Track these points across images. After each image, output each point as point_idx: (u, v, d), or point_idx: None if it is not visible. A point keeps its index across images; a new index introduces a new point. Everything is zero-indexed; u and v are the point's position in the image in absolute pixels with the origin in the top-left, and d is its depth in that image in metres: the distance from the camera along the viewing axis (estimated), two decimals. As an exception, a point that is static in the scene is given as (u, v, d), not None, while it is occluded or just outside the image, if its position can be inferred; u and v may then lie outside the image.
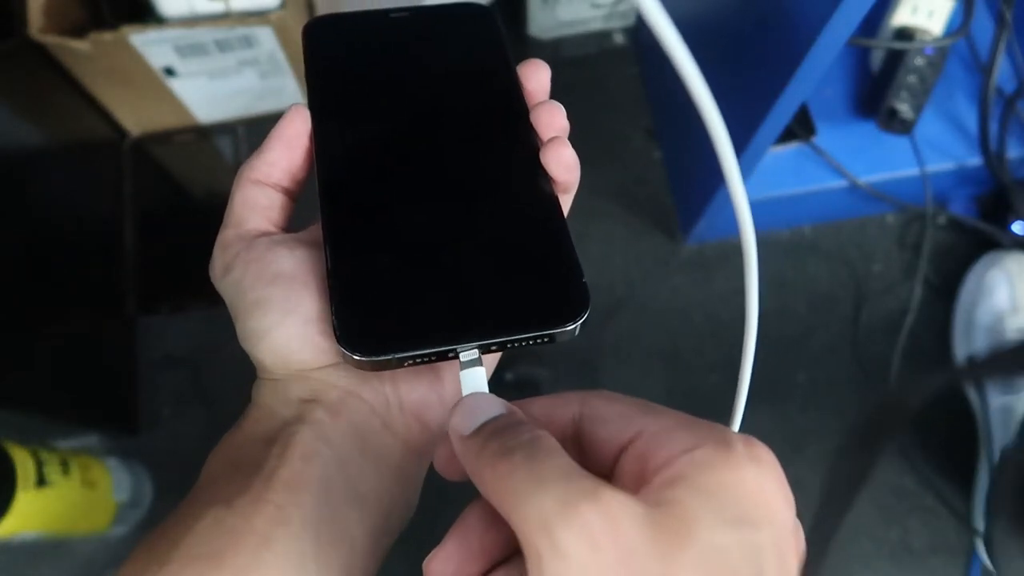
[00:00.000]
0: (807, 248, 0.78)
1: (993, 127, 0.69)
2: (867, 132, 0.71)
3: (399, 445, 0.24)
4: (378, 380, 0.24)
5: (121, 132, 0.79)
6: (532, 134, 0.26)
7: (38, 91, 0.67)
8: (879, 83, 0.70)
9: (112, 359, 0.71)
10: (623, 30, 0.86)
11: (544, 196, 0.24)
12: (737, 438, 0.17)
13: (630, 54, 0.85)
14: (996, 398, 0.67)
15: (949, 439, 0.70)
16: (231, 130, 0.80)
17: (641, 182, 0.80)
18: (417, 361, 0.22)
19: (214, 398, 0.72)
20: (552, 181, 0.25)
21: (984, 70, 0.67)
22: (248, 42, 0.70)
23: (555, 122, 0.25)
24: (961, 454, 0.69)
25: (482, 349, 0.22)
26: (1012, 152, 0.70)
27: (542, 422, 0.19)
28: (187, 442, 0.69)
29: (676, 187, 0.79)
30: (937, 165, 0.71)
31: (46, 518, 0.55)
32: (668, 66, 0.16)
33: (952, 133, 0.71)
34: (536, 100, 0.26)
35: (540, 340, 0.22)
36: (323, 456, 0.22)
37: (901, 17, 0.67)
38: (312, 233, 0.25)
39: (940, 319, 0.75)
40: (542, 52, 0.85)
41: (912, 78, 0.67)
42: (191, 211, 0.80)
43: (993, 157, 0.70)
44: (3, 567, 0.66)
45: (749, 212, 0.18)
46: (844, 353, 0.75)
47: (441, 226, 0.24)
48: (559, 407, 0.20)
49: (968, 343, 0.72)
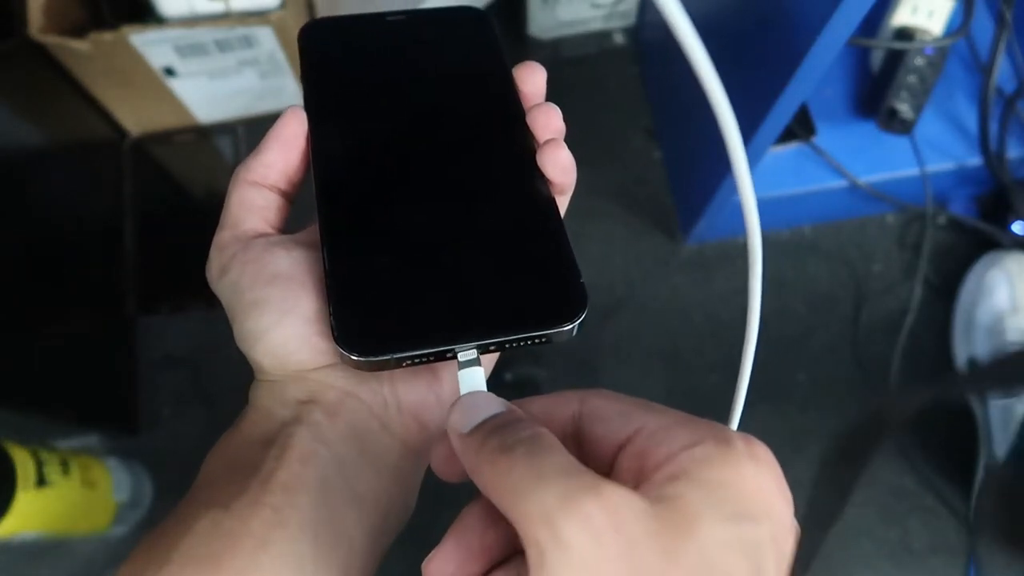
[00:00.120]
0: (807, 248, 0.78)
1: (993, 127, 0.69)
2: (867, 132, 0.71)
3: (397, 445, 0.24)
4: (376, 381, 0.24)
5: (121, 132, 0.79)
6: (528, 136, 0.26)
7: (38, 91, 0.67)
8: (879, 83, 0.70)
9: (112, 359, 0.71)
10: (623, 30, 0.86)
11: (541, 197, 0.24)
12: (736, 436, 0.17)
13: (630, 54, 0.85)
14: (996, 398, 0.67)
15: (949, 439, 0.70)
16: (231, 130, 0.80)
17: (641, 182, 0.80)
18: (415, 361, 0.22)
19: (214, 398, 0.72)
20: (549, 183, 0.25)
21: (984, 70, 0.67)
22: (248, 42, 0.70)
23: (551, 124, 0.25)
24: (961, 454, 0.69)
25: (480, 349, 0.22)
26: (1012, 152, 0.70)
27: (541, 421, 0.19)
28: (187, 442, 0.69)
29: (676, 187, 0.79)
30: (937, 165, 0.71)
31: (46, 518, 0.55)
32: (669, 65, 0.16)
33: (952, 133, 0.71)
34: (532, 102, 0.26)
35: (538, 340, 0.22)
36: (321, 457, 0.22)
37: (901, 17, 0.67)
38: (309, 235, 0.25)
39: (940, 319, 0.75)
40: (542, 52, 0.85)
41: (912, 78, 0.67)
42: (191, 211, 0.80)
43: (993, 157, 0.70)
44: (3, 567, 0.66)
45: (755, 204, 0.18)
46: (844, 353, 0.75)
47: (438, 227, 0.23)
48: (558, 406, 0.20)
49: (968, 343, 0.72)
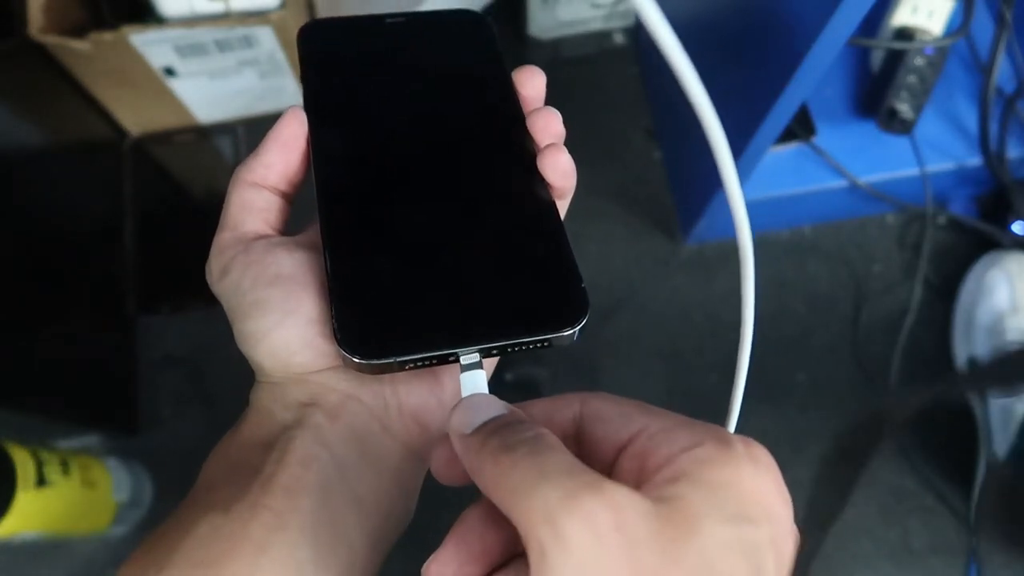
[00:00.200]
0: (807, 248, 0.78)
1: (993, 127, 0.69)
2: (867, 132, 0.71)
3: (398, 448, 0.24)
4: (377, 383, 0.24)
5: (121, 132, 0.79)
6: (528, 140, 0.25)
7: (38, 91, 0.67)
8: (879, 83, 0.70)
9: (112, 359, 0.71)
10: (623, 30, 0.86)
11: (541, 201, 0.24)
12: (736, 438, 0.17)
13: (630, 54, 0.85)
14: (996, 398, 0.67)
15: (949, 439, 0.70)
16: (231, 130, 0.80)
17: (641, 182, 0.80)
18: (418, 364, 0.22)
19: (214, 398, 0.72)
20: (549, 187, 0.25)
21: (984, 70, 0.67)
22: (248, 42, 0.70)
23: (551, 128, 0.25)
24: (961, 454, 0.69)
25: (482, 353, 0.22)
26: (1012, 152, 0.70)
27: (542, 423, 0.19)
28: (187, 442, 0.69)
29: (676, 187, 0.79)
30: (937, 165, 0.71)
31: (46, 518, 0.55)
32: (668, 66, 0.16)
33: (952, 133, 0.71)
34: (532, 106, 0.26)
35: (539, 344, 0.22)
36: (322, 460, 0.22)
37: (901, 17, 0.67)
38: (309, 236, 0.25)
39: (940, 319, 0.75)
40: (542, 52, 0.85)
41: (912, 78, 0.67)
42: (191, 211, 0.80)
43: (993, 157, 0.70)
44: (3, 567, 0.66)
45: (745, 211, 0.18)
46: (844, 353, 0.75)
47: (440, 230, 0.23)
48: (559, 408, 0.20)
49: (968, 343, 0.72)
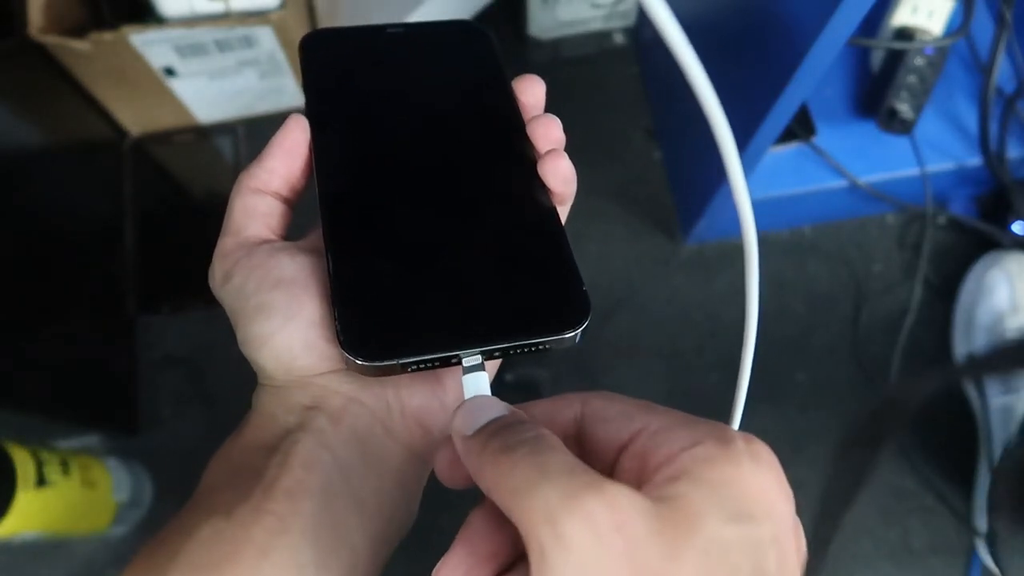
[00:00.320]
0: (807, 248, 0.78)
1: (993, 127, 0.69)
2: (867, 132, 0.71)
3: (401, 451, 0.24)
4: (380, 386, 0.24)
5: (121, 132, 0.79)
6: (529, 147, 0.26)
7: (38, 91, 0.67)
8: (879, 83, 0.70)
9: (112, 359, 0.71)
10: (623, 30, 0.86)
11: (542, 207, 0.25)
12: (737, 435, 0.17)
13: (630, 54, 0.85)
14: (996, 398, 0.67)
15: (949, 439, 0.70)
16: (231, 130, 0.80)
17: (641, 182, 0.80)
18: (420, 367, 0.22)
19: (214, 398, 0.72)
20: (550, 192, 0.25)
21: (984, 70, 0.67)
22: (248, 42, 0.70)
23: (551, 135, 0.26)
24: (961, 454, 0.69)
25: (484, 355, 0.22)
26: (1012, 152, 0.70)
27: (544, 423, 0.19)
28: (187, 442, 0.69)
29: (676, 187, 0.79)
30: (937, 165, 0.71)
31: (46, 518, 0.55)
32: (668, 66, 0.16)
33: (952, 133, 0.71)
34: (532, 114, 0.27)
35: (541, 347, 0.22)
36: (324, 464, 0.22)
37: (901, 17, 0.67)
38: (312, 241, 0.25)
39: (940, 319, 0.75)
40: (542, 52, 0.85)
41: (912, 78, 0.67)
42: (191, 211, 0.80)
43: (993, 157, 0.70)
44: (3, 567, 0.66)
45: (750, 206, 0.18)
46: (844, 353, 0.75)
47: (442, 235, 0.24)
48: (560, 408, 0.20)
49: (968, 343, 0.72)
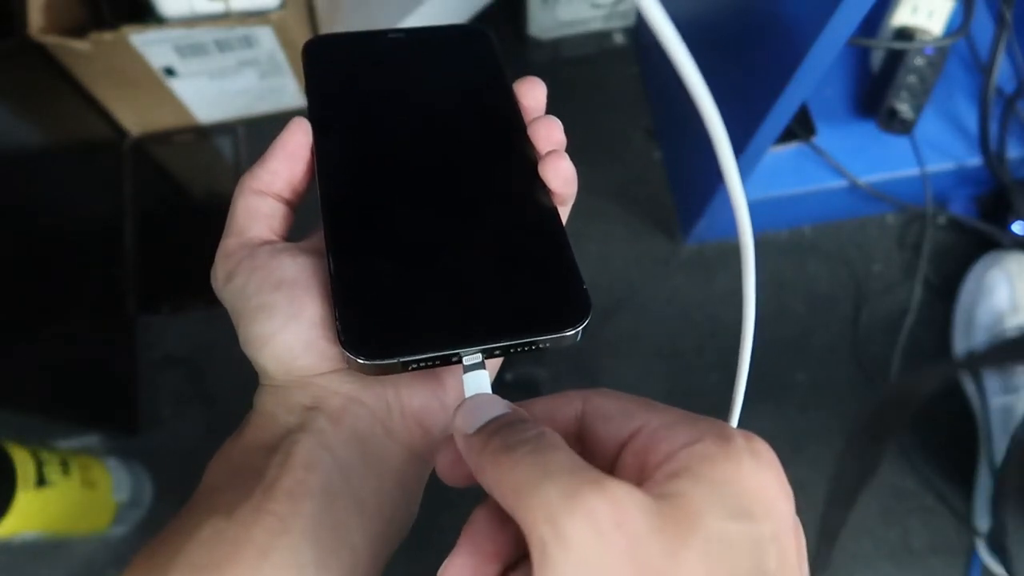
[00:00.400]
0: (807, 248, 0.78)
1: (993, 127, 0.69)
2: (867, 132, 0.71)
3: (401, 451, 0.24)
4: (380, 386, 0.24)
5: (121, 132, 0.79)
6: (530, 148, 0.26)
7: (38, 91, 0.67)
8: (879, 83, 0.70)
9: (112, 359, 0.71)
10: (623, 30, 0.86)
11: (543, 207, 0.25)
12: (737, 433, 0.17)
13: (630, 54, 0.85)
14: (996, 398, 0.67)
15: (949, 439, 0.70)
16: (231, 130, 0.80)
17: (641, 182, 0.80)
18: (421, 365, 0.22)
19: (214, 398, 0.72)
20: (551, 193, 0.25)
21: (984, 70, 0.67)
22: (248, 42, 0.70)
23: (552, 136, 0.26)
24: (961, 454, 0.69)
25: (485, 354, 0.22)
26: (1012, 152, 0.70)
27: (545, 421, 0.19)
28: (187, 442, 0.69)
29: (676, 187, 0.79)
30: (937, 165, 0.71)
31: (46, 518, 0.55)
32: (668, 66, 0.16)
33: (952, 133, 0.71)
34: (533, 116, 0.27)
35: (542, 346, 0.22)
36: (325, 464, 0.22)
37: (901, 17, 0.67)
38: (313, 243, 0.26)
39: (940, 319, 0.75)
40: (542, 52, 0.85)
41: (912, 78, 0.67)
42: (191, 211, 0.80)
43: (993, 157, 0.70)
44: (3, 567, 0.66)
45: (746, 209, 0.19)
46: (844, 353, 0.75)
47: (443, 234, 0.24)
48: (561, 406, 0.20)
49: (968, 343, 0.72)
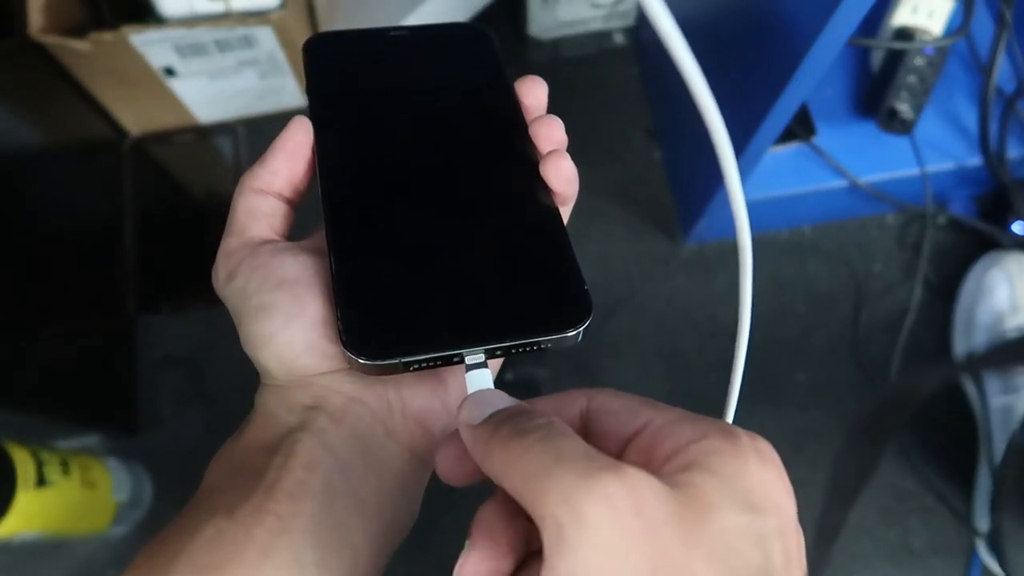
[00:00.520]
0: (807, 248, 0.78)
1: (993, 127, 0.69)
2: (867, 132, 0.71)
3: (402, 451, 0.24)
4: (381, 386, 0.24)
5: (121, 132, 0.79)
6: (531, 147, 0.26)
7: (38, 91, 0.67)
8: (879, 83, 0.70)
9: (112, 359, 0.71)
10: (623, 30, 0.86)
11: (544, 207, 0.25)
12: (741, 431, 0.17)
13: (630, 54, 0.85)
14: (996, 398, 0.67)
15: (949, 439, 0.70)
16: (231, 130, 0.80)
17: (641, 182, 0.80)
18: (422, 365, 0.22)
19: (214, 398, 0.72)
20: (552, 192, 0.25)
21: (984, 70, 0.67)
22: (248, 42, 0.70)
23: (554, 135, 0.26)
24: (961, 454, 0.69)
25: (486, 353, 0.22)
26: (1012, 152, 0.70)
27: None
28: (187, 442, 0.69)
29: (676, 187, 0.79)
30: (937, 165, 0.71)
31: (46, 518, 0.55)
32: (668, 66, 0.16)
33: (952, 133, 0.71)
34: (534, 115, 0.27)
35: (543, 346, 0.22)
36: (326, 464, 0.22)
37: (901, 17, 0.67)
38: (314, 241, 0.26)
39: (940, 319, 0.75)
40: (542, 52, 0.85)
41: (912, 78, 0.67)
42: (191, 211, 0.80)
43: (993, 157, 0.70)
44: (3, 567, 0.66)
45: (745, 208, 0.19)
46: (844, 353, 0.75)
47: (444, 234, 0.24)
48: (565, 404, 0.20)
49: (968, 343, 0.72)
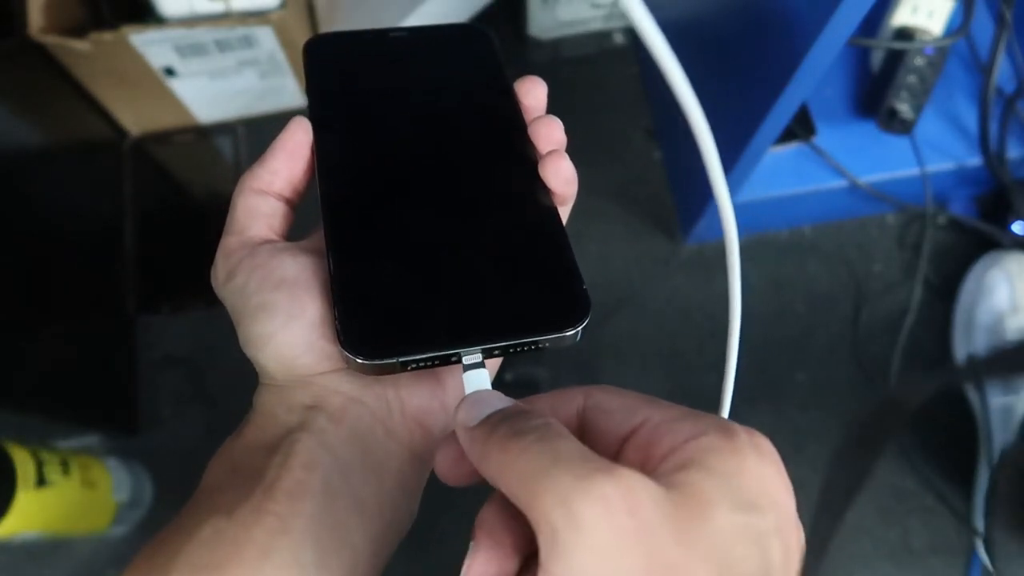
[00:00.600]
0: (807, 248, 0.78)
1: (993, 127, 0.69)
2: (867, 132, 0.71)
3: (401, 451, 0.24)
4: (380, 386, 0.24)
5: (121, 132, 0.79)
6: (531, 148, 0.26)
7: (38, 91, 0.67)
8: (879, 83, 0.70)
9: (112, 359, 0.71)
10: (623, 30, 0.86)
11: (543, 207, 0.25)
12: (740, 428, 0.17)
13: (630, 54, 0.85)
14: (996, 398, 0.67)
15: (949, 439, 0.70)
16: (231, 130, 0.80)
17: (641, 182, 0.80)
18: (420, 365, 0.22)
19: (214, 398, 0.72)
20: (551, 193, 0.25)
21: (984, 70, 0.67)
22: (248, 42, 0.70)
23: (553, 136, 0.26)
24: (961, 454, 0.69)
25: (484, 354, 0.22)
26: (1012, 152, 0.70)
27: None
28: (187, 442, 0.69)
29: (676, 187, 0.79)
30: (937, 165, 0.71)
31: (46, 518, 0.55)
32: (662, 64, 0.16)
33: (952, 133, 0.71)
34: (534, 115, 0.27)
35: (541, 345, 0.22)
36: (325, 464, 0.22)
37: (901, 17, 0.67)
38: (314, 242, 0.26)
39: (940, 319, 0.75)
40: (542, 52, 0.85)
41: (912, 78, 0.67)
42: (191, 211, 0.80)
43: (993, 157, 0.70)
44: (3, 567, 0.66)
45: (732, 212, 0.19)
46: (844, 353, 0.75)
47: (443, 234, 0.24)
48: (563, 402, 0.20)
49: (968, 343, 0.72)
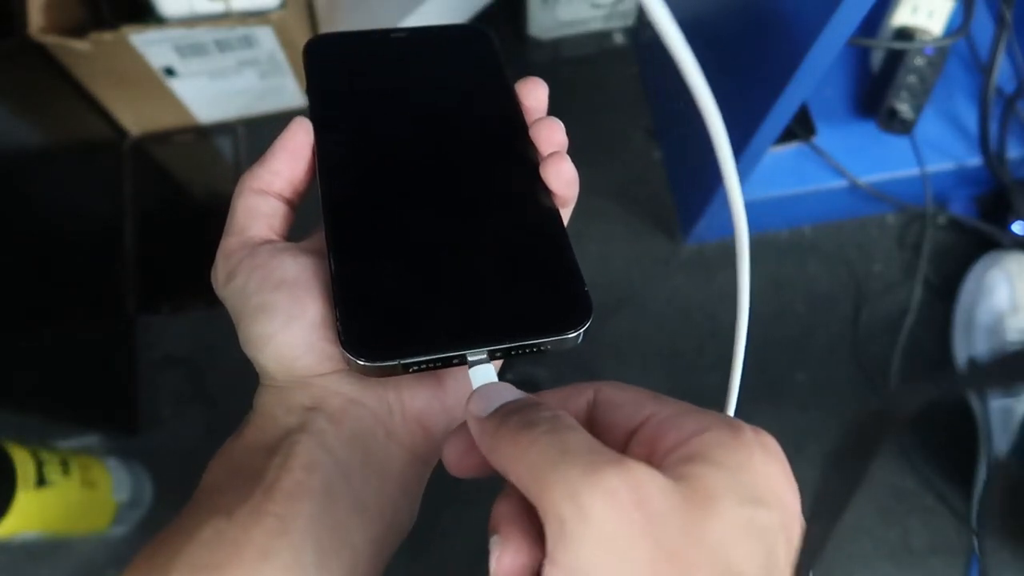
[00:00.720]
0: (807, 248, 0.78)
1: (993, 127, 0.69)
2: (867, 132, 0.71)
3: (402, 452, 0.24)
4: (381, 387, 0.24)
5: (121, 132, 0.79)
6: (532, 149, 0.26)
7: (38, 91, 0.67)
8: (879, 83, 0.70)
9: (112, 359, 0.71)
10: (623, 30, 0.86)
11: (545, 209, 0.25)
12: (745, 425, 0.18)
13: (630, 54, 0.85)
14: (996, 399, 0.67)
15: (949, 439, 0.70)
16: (231, 130, 0.80)
17: (641, 182, 0.80)
18: (421, 367, 0.22)
19: (214, 398, 0.72)
20: (552, 194, 0.25)
21: (984, 70, 0.67)
22: (248, 42, 0.70)
23: (554, 137, 0.26)
24: (961, 454, 0.69)
25: (486, 356, 0.22)
26: (1012, 152, 0.70)
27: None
28: (187, 442, 0.69)
29: (676, 187, 0.79)
30: (937, 165, 0.71)
31: (46, 518, 0.55)
32: (668, 66, 0.16)
33: (952, 133, 0.71)
34: (535, 117, 0.27)
35: (543, 347, 0.22)
36: (325, 465, 0.22)
37: (901, 17, 0.67)
38: (314, 242, 0.26)
39: (940, 319, 0.75)
40: (542, 52, 0.85)
41: (912, 78, 0.67)
42: (191, 211, 0.80)
43: (993, 157, 0.70)
44: (3, 567, 0.66)
45: (743, 207, 0.19)
46: (844, 353, 0.75)
47: (444, 236, 0.24)
48: (572, 397, 0.20)
49: (968, 343, 0.72)
